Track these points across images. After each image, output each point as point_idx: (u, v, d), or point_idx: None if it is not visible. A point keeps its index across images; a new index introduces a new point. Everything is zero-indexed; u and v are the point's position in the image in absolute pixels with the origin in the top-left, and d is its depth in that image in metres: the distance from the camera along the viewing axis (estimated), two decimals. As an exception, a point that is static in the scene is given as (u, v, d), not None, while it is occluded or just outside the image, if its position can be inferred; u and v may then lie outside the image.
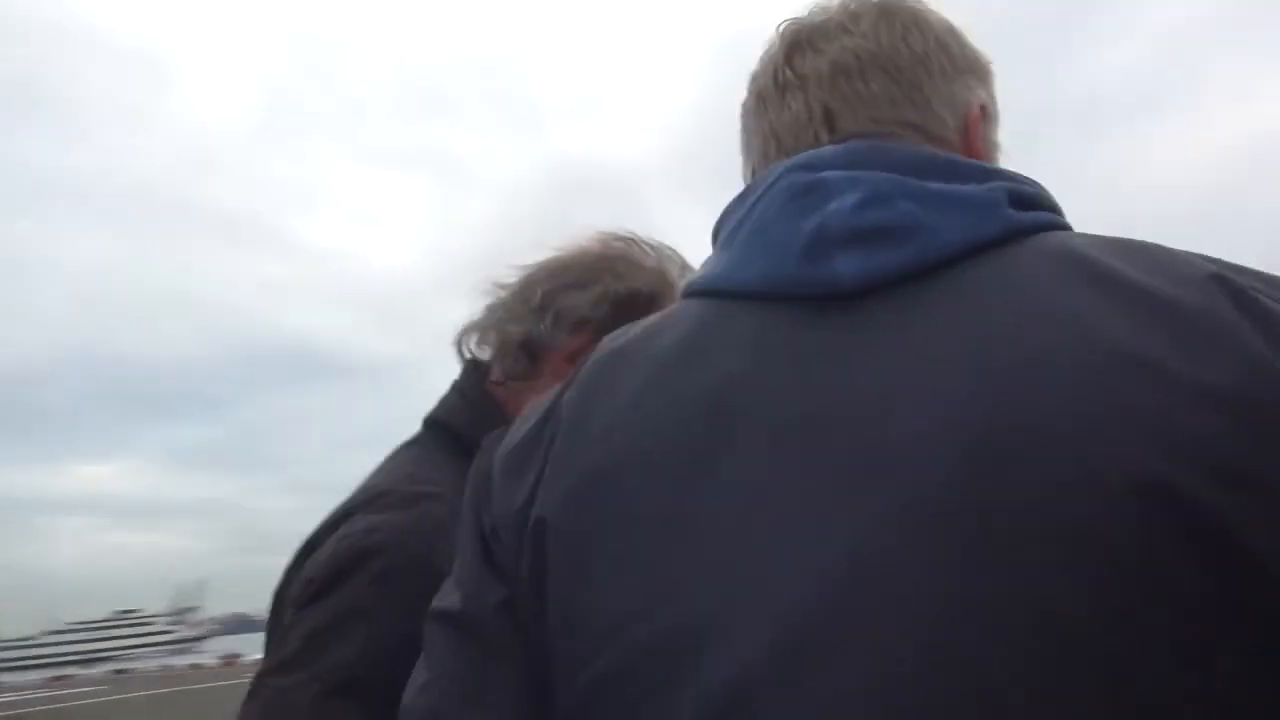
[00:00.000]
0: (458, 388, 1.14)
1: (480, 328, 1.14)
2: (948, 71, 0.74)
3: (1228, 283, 0.55)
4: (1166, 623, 0.48)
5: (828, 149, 0.67)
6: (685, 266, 1.15)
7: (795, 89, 0.74)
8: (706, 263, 0.71)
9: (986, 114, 0.76)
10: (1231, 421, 0.50)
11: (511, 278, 1.16)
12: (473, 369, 1.15)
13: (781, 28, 0.77)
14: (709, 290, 0.67)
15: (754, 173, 0.77)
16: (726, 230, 0.69)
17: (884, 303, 0.59)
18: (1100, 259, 0.58)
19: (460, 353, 1.16)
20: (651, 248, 1.16)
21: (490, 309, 1.15)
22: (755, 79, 0.79)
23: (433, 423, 1.13)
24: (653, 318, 0.71)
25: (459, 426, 1.10)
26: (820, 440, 0.57)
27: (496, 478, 0.69)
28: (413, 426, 1.15)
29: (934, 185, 0.62)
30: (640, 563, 0.59)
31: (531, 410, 0.71)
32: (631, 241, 1.16)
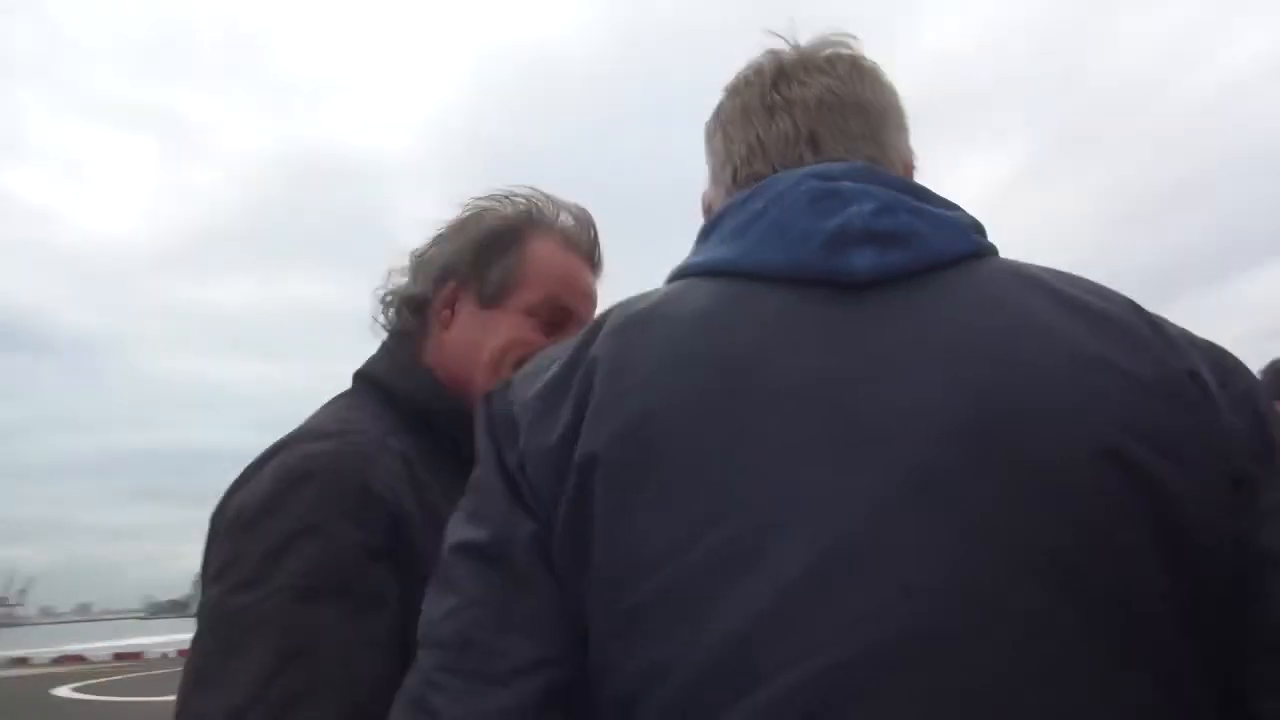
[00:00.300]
0: (384, 345, 1.22)
1: (384, 293, 1.24)
2: (897, 125, 0.92)
3: (1138, 305, 0.77)
4: (1127, 551, 0.66)
5: (837, 165, 0.82)
6: (560, 208, 1.23)
7: (783, 111, 0.88)
8: (708, 248, 0.83)
9: (912, 168, 0.92)
10: (1159, 405, 0.69)
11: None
12: (397, 329, 1.23)
13: (766, 56, 0.92)
14: (726, 270, 0.79)
15: (735, 171, 0.90)
16: (734, 222, 0.81)
17: (888, 294, 0.74)
18: (1048, 278, 0.77)
19: (379, 318, 1.25)
20: (523, 198, 1.24)
21: (389, 275, 1.25)
22: (738, 94, 0.92)
23: (360, 375, 1.20)
24: (661, 290, 0.82)
25: (380, 376, 1.17)
26: (842, 397, 0.70)
27: (523, 419, 0.76)
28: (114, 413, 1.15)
29: (924, 205, 0.78)
30: (687, 495, 0.68)
31: (543, 360, 0.81)
32: (503, 195, 1.24)
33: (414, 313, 1.21)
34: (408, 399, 1.13)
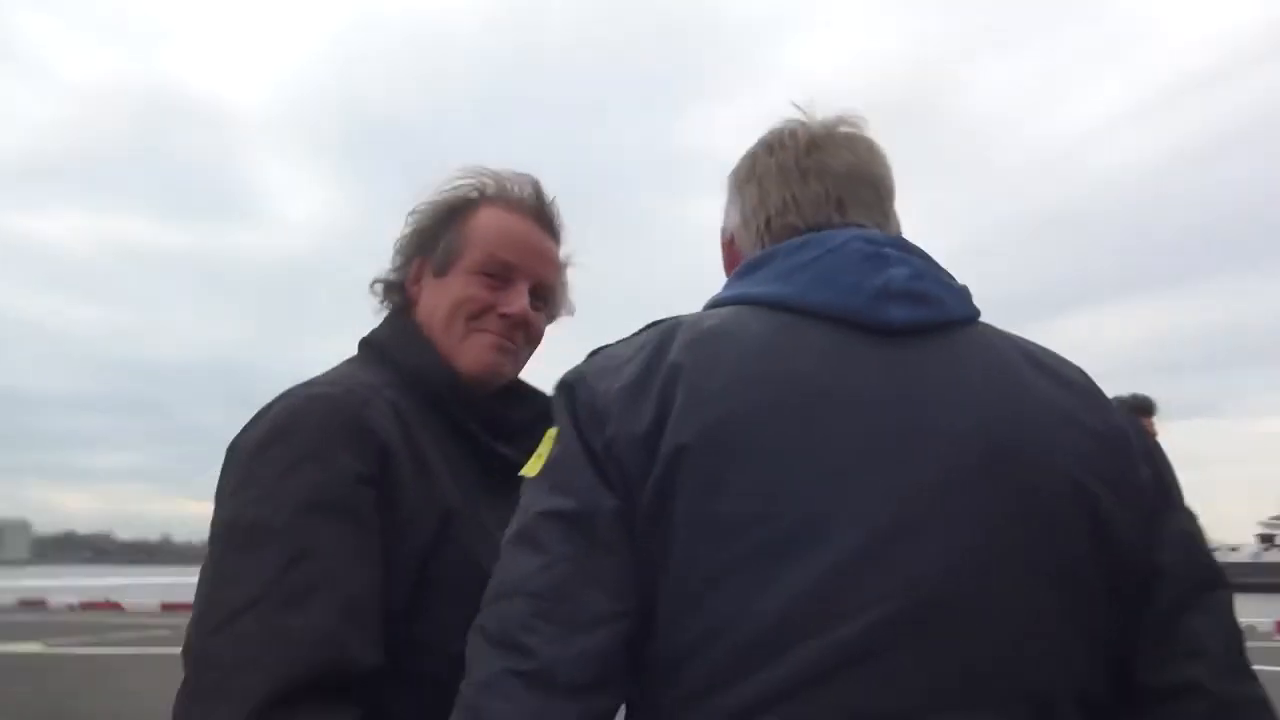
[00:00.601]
0: (387, 316, 1.35)
1: (373, 281, 1.38)
2: (893, 197, 1.12)
3: (1086, 373, 1.01)
4: (1080, 557, 0.89)
5: (879, 234, 1.03)
6: (505, 180, 1.34)
7: (815, 176, 1.08)
8: (757, 282, 1.01)
9: (900, 229, 1.12)
10: (1107, 454, 0.94)
11: None
12: (399, 300, 1.36)
13: (795, 125, 1.13)
14: (780, 304, 0.98)
15: (769, 219, 1.09)
16: (786, 265, 1.00)
17: (914, 342, 0.95)
18: (1021, 343, 1.01)
19: (379, 292, 1.38)
20: (473, 177, 1.34)
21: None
22: (773, 153, 1.11)
23: (364, 343, 1.32)
24: (720, 312, 1.00)
25: (380, 341, 1.30)
26: (880, 418, 0.90)
27: (612, 409, 0.92)
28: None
29: (941, 275, 1.01)
30: (755, 487, 0.87)
31: (612, 359, 0.98)
32: (457, 179, 1.34)
33: (393, 293, 1.36)
34: (403, 360, 1.26)
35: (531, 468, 0.97)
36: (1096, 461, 0.93)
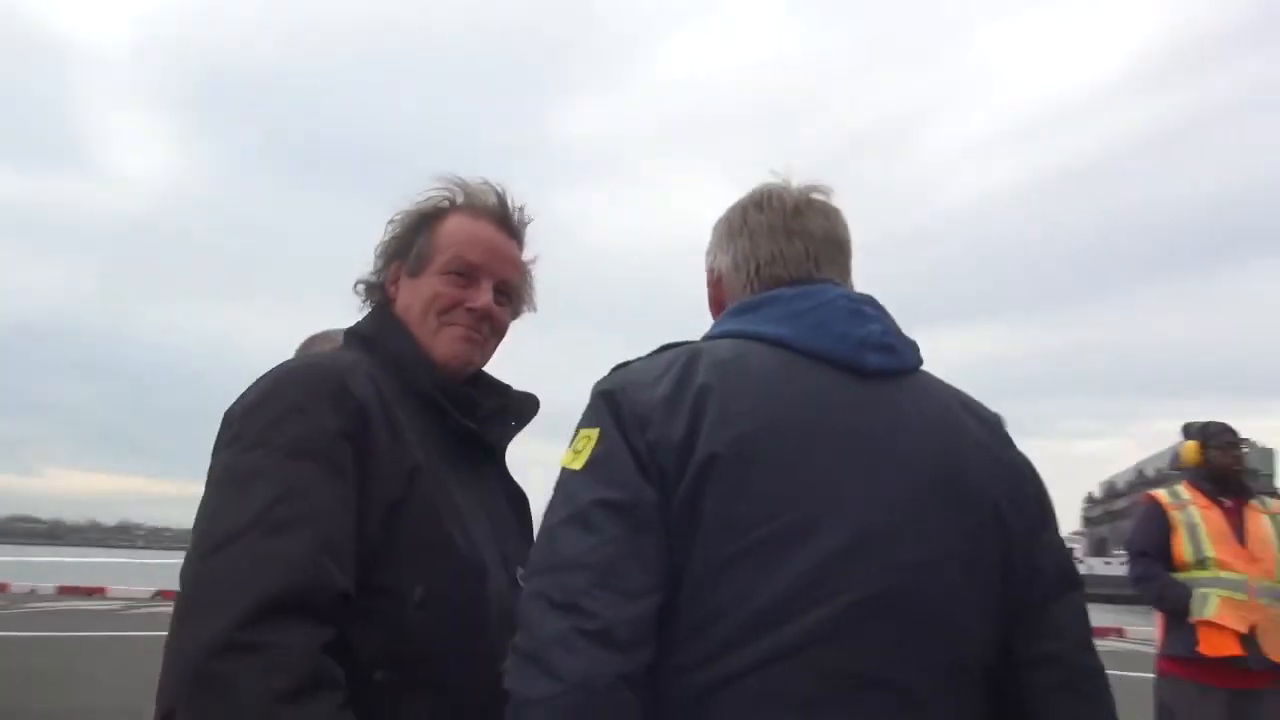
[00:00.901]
0: (371, 310, 1.49)
1: (355, 282, 1.52)
2: (851, 256, 1.38)
3: (998, 415, 1.31)
4: (994, 558, 1.18)
5: (858, 294, 1.29)
6: (472, 189, 1.48)
7: (798, 237, 1.33)
8: (759, 322, 1.24)
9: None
10: (1014, 482, 1.23)
11: None
12: (380, 299, 1.50)
13: (778, 188, 1.37)
14: (782, 343, 1.21)
15: (759, 268, 1.32)
16: (784, 310, 1.24)
17: (882, 383, 1.21)
18: (953, 388, 1.29)
19: (361, 292, 1.52)
20: (443, 187, 1.48)
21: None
22: (761, 211, 1.35)
23: (349, 333, 1.48)
24: (730, 344, 1.22)
25: (365, 333, 1.45)
26: (863, 441, 1.15)
27: (654, 416, 1.13)
28: None
29: (900, 331, 1.28)
30: (770, 490, 1.10)
31: (645, 374, 1.18)
32: (430, 188, 1.48)
33: (374, 293, 1.50)
34: (385, 347, 1.41)
35: (574, 461, 1.15)
36: (1005, 486, 1.22)
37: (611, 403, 1.16)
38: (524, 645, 1.06)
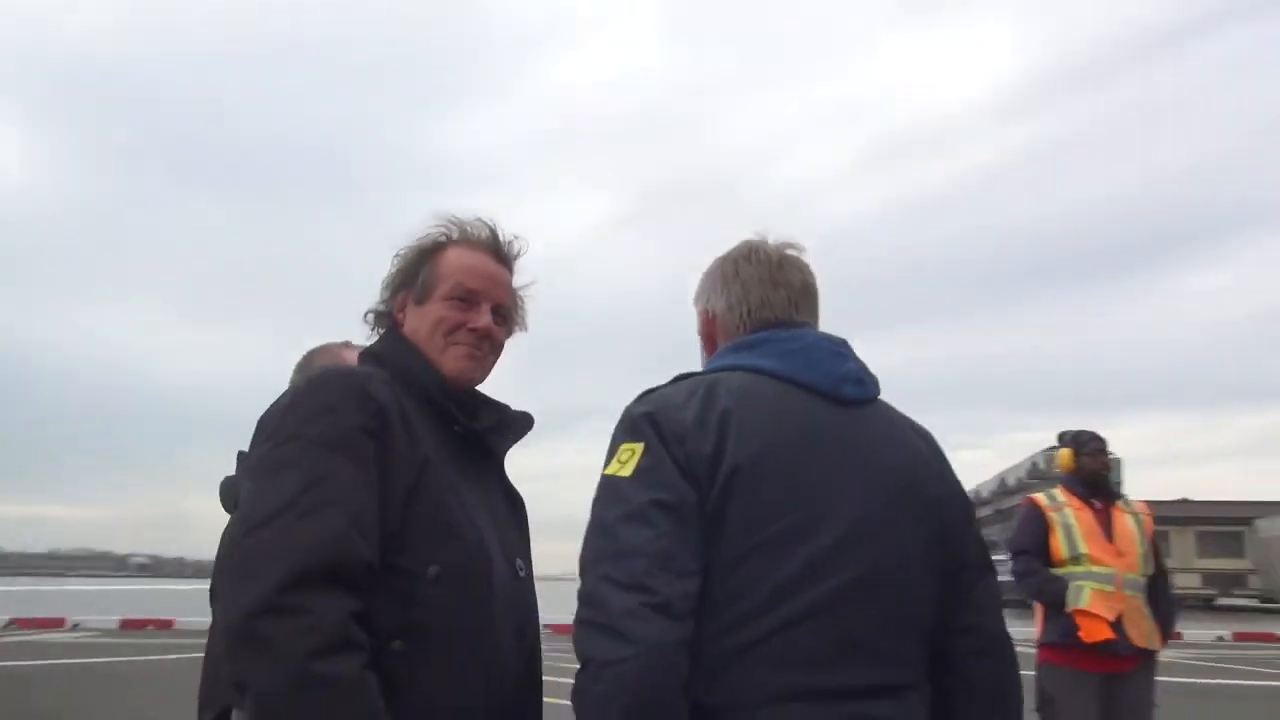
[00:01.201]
0: (382, 336, 1.66)
1: (365, 312, 1.70)
2: (819, 301, 1.67)
3: (930, 433, 1.63)
4: (939, 551, 1.49)
5: (836, 338, 1.59)
6: (465, 224, 1.66)
7: (781, 287, 1.62)
8: (756, 357, 1.52)
9: None
10: (951, 489, 1.56)
11: None
12: (389, 323, 1.67)
13: (761, 243, 1.66)
14: (779, 376, 1.48)
15: (750, 311, 1.59)
16: (779, 349, 1.52)
17: (856, 409, 1.50)
18: (902, 414, 1.58)
19: (371, 320, 1.69)
20: (441, 225, 1.66)
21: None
22: (749, 263, 1.63)
23: (365, 354, 1.64)
24: (740, 376, 1.50)
25: (379, 352, 1.61)
26: (849, 456, 1.44)
27: (689, 434, 1.39)
28: None
29: (866, 368, 1.57)
30: (782, 493, 1.38)
31: (675, 398, 1.44)
32: (430, 226, 1.66)
33: (382, 320, 1.68)
34: (399, 363, 1.57)
35: (621, 470, 1.40)
36: (944, 493, 1.54)
37: (653, 422, 1.42)
38: (597, 619, 1.29)
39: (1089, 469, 4.49)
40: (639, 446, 1.40)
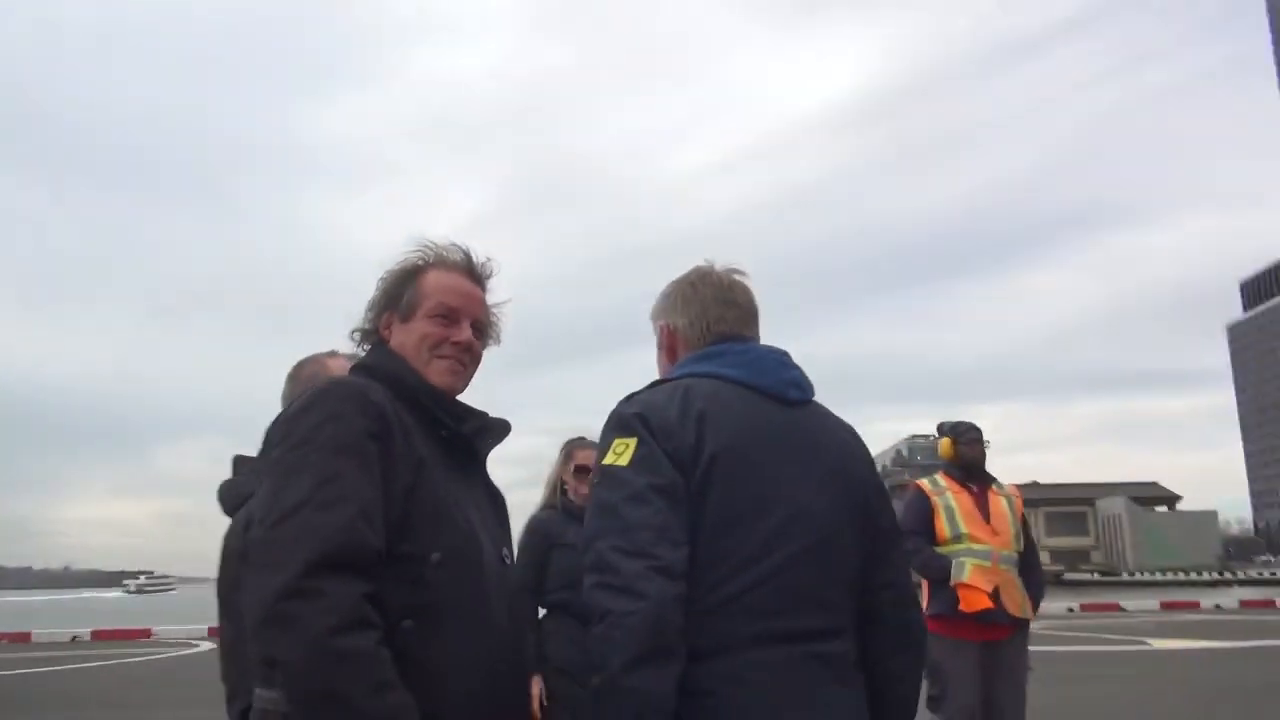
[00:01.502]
0: (370, 350, 1.79)
1: (351, 330, 1.84)
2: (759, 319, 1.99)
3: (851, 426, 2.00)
4: (864, 525, 1.82)
5: (779, 349, 1.89)
6: (442, 248, 1.81)
7: (732, 305, 1.91)
8: (719, 365, 1.81)
9: None
10: (871, 471, 1.91)
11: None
12: (375, 340, 1.81)
13: (710, 268, 1.95)
14: (737, 381, 1.77)
15: (709, 325, 1.88)
16: (736, 359, 1.82)
17: (799, 409, 1.82)
18: (830, 412, 1.92)
19: (357, 338, 1.83)
20: (419, 249, 1.81)
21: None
22: (705, 284, 1.92)
23: (357, 366, 1.77)
24: (709, 382, 1.77)
25: (371, 364, 1.74)
26: (798, 450, 1.76)
27: (672, 430, 1.67)
28: None
29: (805, 374, 1.89)
30: (749, 477, 1.69)
31: (657, 400, 1.72)
32: (409, 250, 1.81)
33: (369, 337, 1.82)
34: (391, 373, 1.70)
35: (619, 460, 1.67)
36: (867, 476, 1.87)
37: (643, 420, 1.70)
38: (612, 581, 1.56)
39: (967, 456, 4.91)
40: (633, 441, 1.67)
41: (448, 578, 1.53)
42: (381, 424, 1.53)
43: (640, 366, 1.90)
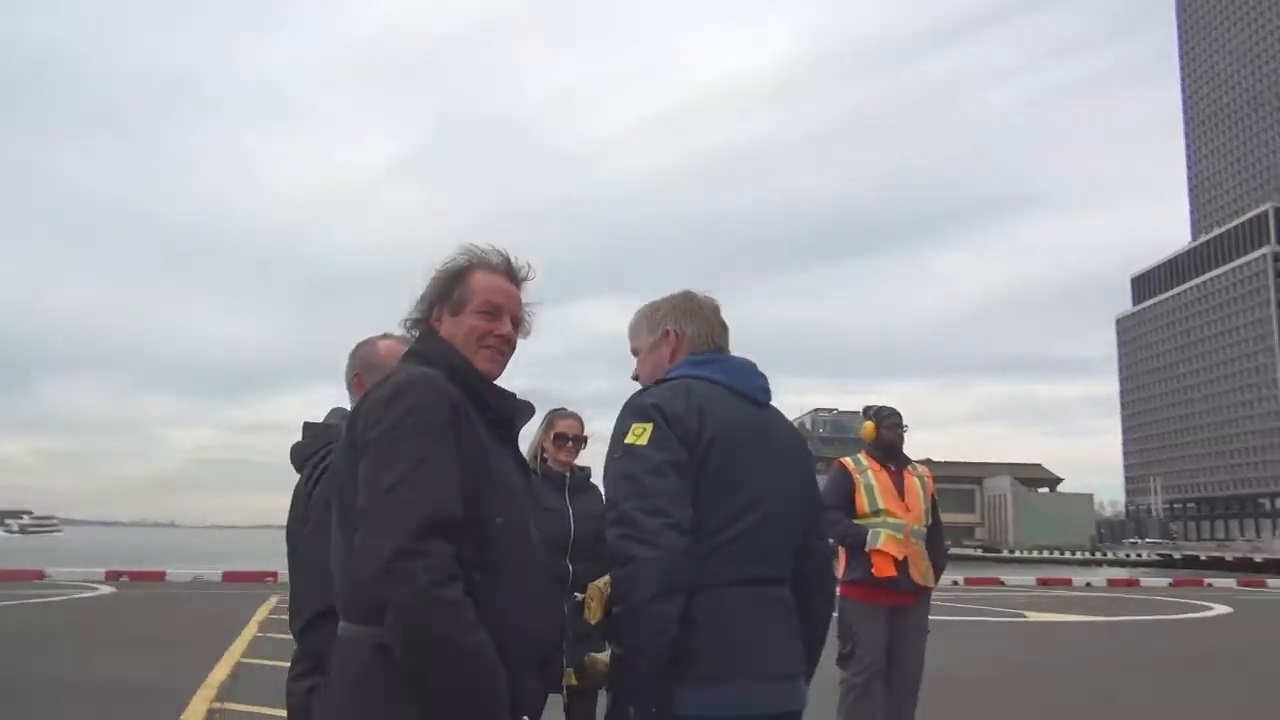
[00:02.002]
0: (421, 337, 2.04)
1: (404, 319, 2.10)
2: None
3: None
4: (811, 500, 2.43)
5: (750, 360, 2.42)
6: (486, 251, 2.07)
7: (724, 325, 2.44)
8: (709, 370, 2.29)
9: None
10: (808, 457, 2.47)
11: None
12: (426, 329, 2.06)
13: (707, 297, 2.45)
14: (724, 385, 2.26)
15: (711, 338, 2.38)
16: (723, 366, 2.32)
17: (764, 409, 2.35)
18: (780, 411, 2.45)
19: (409, 326, 2.09)
20: (465, 251, 2.07)
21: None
22: (703, 305, 2.42)
23: (411, 353, 2.02)
24: (704, 384, 2.24)
25: (425, 351, 1.98)
26: (766, 437, 2.29)
27: (680, 417, 2.13)
28: None
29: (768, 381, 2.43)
30: (735, 457, 2.19)
31: (666, 394, 2.19)
32: (456, 253, 2.08)
33: (419, 326, 2.08)
34: (445, 361, 1.94)
35: (639, 439, 2.11)
36: (807, 460, 2.40)
37: (659, 409, 2.16)
38: (637, 534, 2.02)
39: (887, 439, 5.39)
40: (649, 425, 2.11)
41: (507, 538, 1.84)
42: (454, 411, 1.81)
43: (545, 321, 2.11)
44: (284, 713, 2.35)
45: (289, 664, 2.35)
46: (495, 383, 2.07)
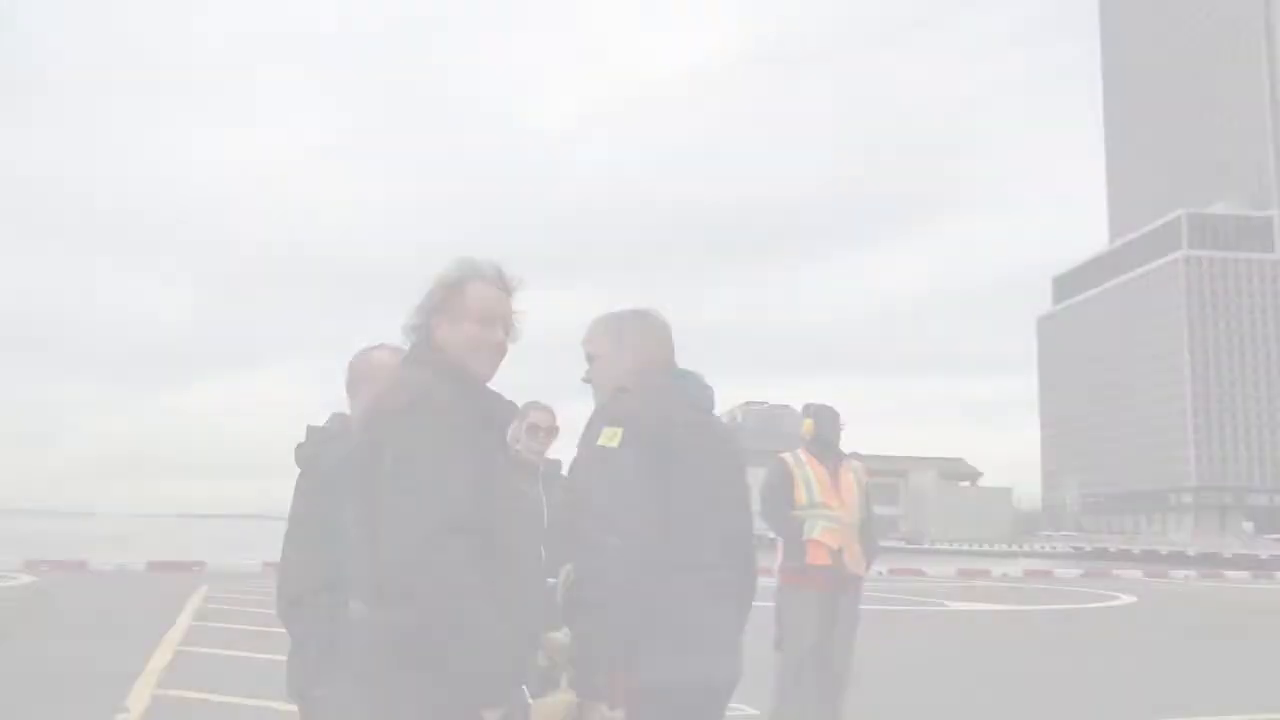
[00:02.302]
0: (420, 342, 2.19)
1: (404, 324, 2.36)
2: None
3: None
4: (744, 493, 2.74)
5: (699, 372, 2.68)
6: (480, 263, 2.23)
7: (670, 346, 2.65)
8: (662, 379, 2.56)
9: None
10: (743, 456, 2.78)
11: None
12: (424, 336, 2.21)
13: (660, 316, 2.69)
14: (681, 394, 2.56)
15: (656, 349, 2.60)
16: (676, 377, 2.60)
17: (710, 417, 2.65)
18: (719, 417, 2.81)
19: (408, 333, 2.23)
20: (457, 265, 2.23)
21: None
22: (659, 324, 2.66)
23: (410, 359, 2.20)
24: (666, 395, 2.51)
25: (426, 360, 2.15)
26: (717, 442, 2.61)
27: (648, 423, 2.38)
28: None
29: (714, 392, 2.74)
30: (693, 461, 2.46)
31: (638, 404, 2.42)
32: (452, 265, 2.24)
33: (418, 332, 2.22)
34: (444, 364, 2.13)
35: (610, 441, 2.33)
36: (743, 460, 2.66)
37: (628, 415, 2.39)
38: (608, 525, 2.26)
39: (825, 436, 5.71)
40: (620, 430, 2.35)
41: (508, 531, 2.07)
42: (464, 417, 2.05)
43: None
44: (228, 698, 2.57)
45: (286, 662, 2.57)
46: (487, 385, 2.27)
